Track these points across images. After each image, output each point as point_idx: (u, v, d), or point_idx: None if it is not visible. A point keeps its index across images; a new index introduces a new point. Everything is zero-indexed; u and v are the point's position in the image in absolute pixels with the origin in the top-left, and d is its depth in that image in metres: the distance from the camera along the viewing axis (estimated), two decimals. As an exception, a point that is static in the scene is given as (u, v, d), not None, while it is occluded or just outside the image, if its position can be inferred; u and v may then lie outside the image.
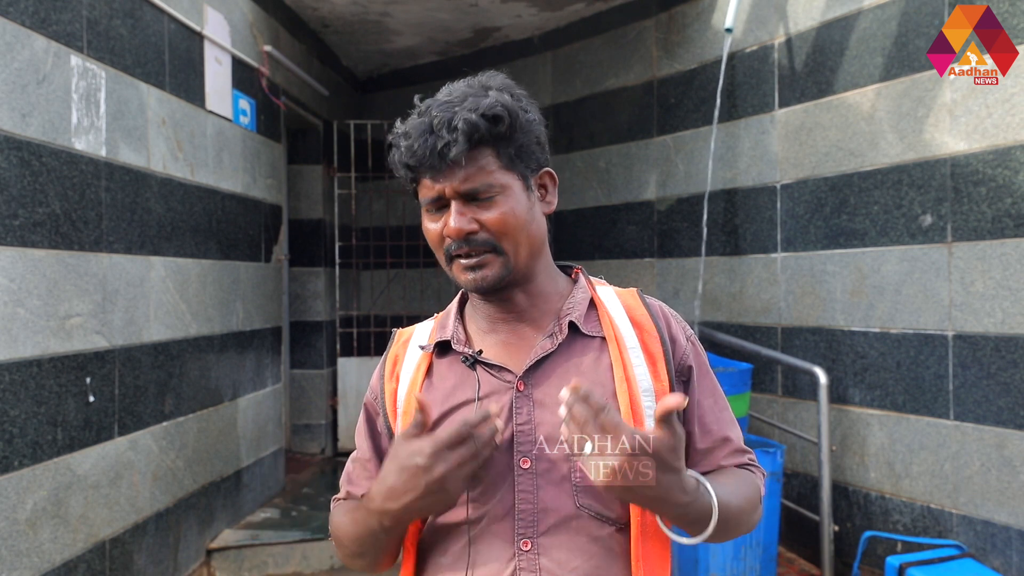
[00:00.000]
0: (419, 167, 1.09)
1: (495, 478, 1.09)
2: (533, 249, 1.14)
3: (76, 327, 2.77)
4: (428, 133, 1.07)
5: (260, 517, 4.28)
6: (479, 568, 1.09)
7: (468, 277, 1.11)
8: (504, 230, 1.09)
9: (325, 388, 5.91)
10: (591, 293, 1.19)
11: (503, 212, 1.09)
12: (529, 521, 1.08)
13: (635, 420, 1.09)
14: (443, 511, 1.08)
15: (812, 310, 3.87)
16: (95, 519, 2.87)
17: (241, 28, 4.23)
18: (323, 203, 5.91)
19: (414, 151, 1.08)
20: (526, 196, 1.13)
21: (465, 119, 1.06)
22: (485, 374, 1.14)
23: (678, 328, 1.20)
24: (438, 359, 1.18)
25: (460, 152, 1.06)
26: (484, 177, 1.08)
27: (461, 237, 1.09)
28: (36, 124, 2.58)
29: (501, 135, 1.09)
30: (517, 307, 1.17)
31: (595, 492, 1.08)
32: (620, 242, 5.07)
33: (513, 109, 1.10)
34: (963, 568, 3.04)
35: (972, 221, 3.20)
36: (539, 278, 1.17)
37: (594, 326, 1.16)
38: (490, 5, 5.14)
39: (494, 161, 1.10)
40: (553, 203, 1.19)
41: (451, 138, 1.06)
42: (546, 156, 1.18)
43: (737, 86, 4.27)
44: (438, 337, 1.19)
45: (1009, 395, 3.07)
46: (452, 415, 1.13)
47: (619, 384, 1.10)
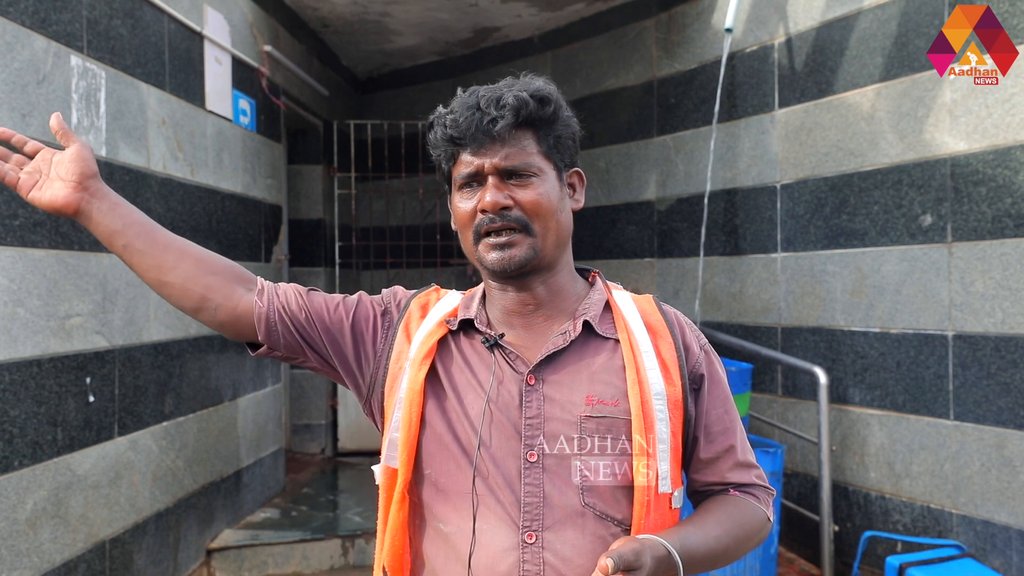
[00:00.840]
0: (462, 139, 1.12)
1: (500, 461, 1.10)
2: (560, 239, 1.16)
3: (76, 327, 2.77)
4: (475, 109, 1.11)
5: (260, 517, 4.28)
6: (482, 549, 1.09)
7: (496, 255, 1.12)
8: (537, 211, 1.11)
9: (325, 388, 5.91)
10: (607, 296, 1.20)
11: (539, 193, 1.12)
12: (534, 514, 1.08)
13: (645, 423, 1.09)
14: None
15: (812, 310, 3.87)
16: (95, 519, 2.87)
17: (241, 28, 4.23)
18: (323, 203, 5.90)
19: (458, 124, 1.11)
20: (559, 187, 1.16)
21: (516, 96, 1.10)
22: (502, 360, 1.14)
23: (692, 336, 1.20)
24: (455, 335, 1.19)
25: (507, 126, 1.09)
26: (525, 157, 1.12)
27: (496, 211, 1.10)
28: (36, 124, 2.57)
29: (545, 119, 1.13)
30: (536, 299, 1.17)
31: (600, 491, 1.09)
32: (620, 242, 5.07)
33: (558, 99, 1.15)
34: (963, 568, 3.04)
35: (972, 221, 3.19)
36: (561, 274, 1.18)
37: (608, 327, 1.16)
38: (490, 5, 5.14)
39: (535, 144, 1.13)
40: (581, 202, 1.21)
41: (498, 113, 1.10)
42: (577, 156, 1.21)
43: (737, 86, 4.27)
44: (463, 316, 1.20)
45: (1009, 395, 3.07)
46: (466, 389, 1.14)
47: (631, 387, 1.10)
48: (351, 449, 5.76)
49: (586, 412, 1.10)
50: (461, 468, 1.11)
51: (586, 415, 1.10)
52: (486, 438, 1.11)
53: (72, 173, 1.17)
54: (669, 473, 1.10)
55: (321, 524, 4.17)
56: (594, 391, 1.11)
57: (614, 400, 1.10)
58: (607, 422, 1.10)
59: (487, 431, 1.11)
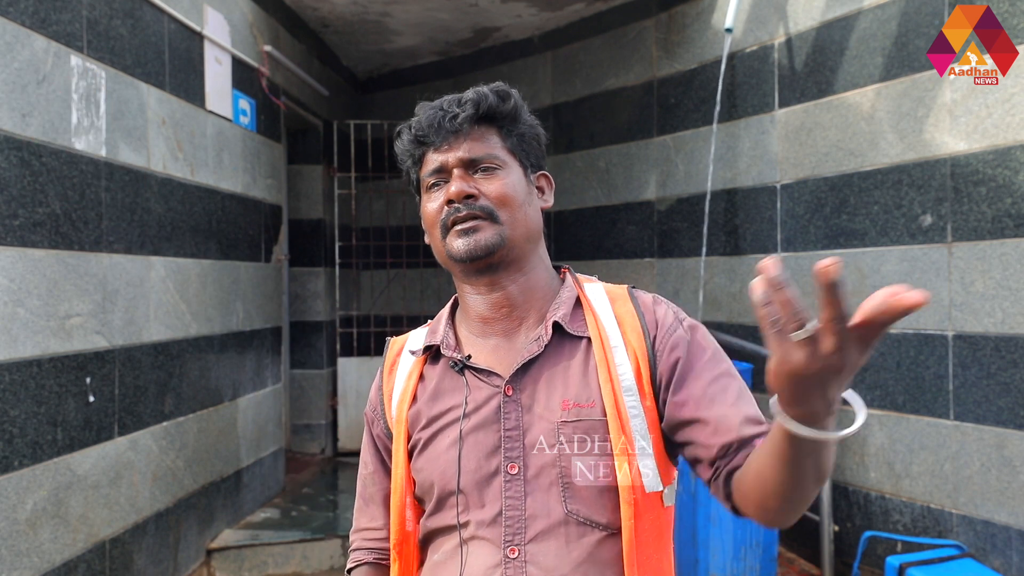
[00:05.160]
0: (426, 137, 1.14)
1: (482, 483, 1.09)
2: (529, 232, 1.15)
3: (76, 327, 2.77)
4: (438, 109, 1.14)
5: (260, 517, 4.28)
6: (468, 571, 1.08)
7: (461, 242, 1.11)
8: (503, 200, 1.12)
9: (325, 388, 5.91)
10: (577, 291, 1.17)
11: (504, 183, 1.13)
12: (516, 528, 1.07)
13: (621, 422, 1.06)
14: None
15: (812, 310, 3.86)
16: (95, 519, 2.87)
17: (241, 28, 4.23)
18: (323, 203, 5.90)
19: (421, 123, 1.14)
20: (525, 182, 1.17)
21: (475, 91, 1.14)
22: (474, 379, 1.13)
23: (666, 311, 1.13)
24: (430, 365, 1.19)
25: (467, 118, 1.12)
26: (488, 148, 1.13)
27: (460, 199, 1.11)
28: (36, 124, 2.58)
29: (506, 114, 1.15)
30: (510, 300, 1.15)
31: (583, 496, 1.07)
32: (620, 242, 5.07)
33: (519, 100, 1.17)
34: (963, 568, 3.04)
35: (972, 221, 3.19)
36: (534, 272, 1.17)
37: (580, 326, 1.13)
38: (490, 5, 5.14)
39: (498, 139, 1.15)
40: (550, 201, 1.22)
41: (460, 109, 1.12)
42: (544, 160, 1.22)
43: (737, 86, 4.27)
44: (428, 342, 1.19)
45: (1009, 395, 3.07)
46: (439, 420, 1.13)
47: (604, 385, 1.08)
48: (351, 449, 5.76)
49: (563, 417, 1.08)
50: (447, 505, 1.12)
51: (563, 420, 1.07)
52: (466, 464, 1.10)
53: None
54: (655, 470, 1.07)
55: (321, 524, 4.17)
56: (569, 394, 1.09)
57: (589, 402, 1.08)
58: (584, 425, 1.07)
59: (466, 458, 1.10)
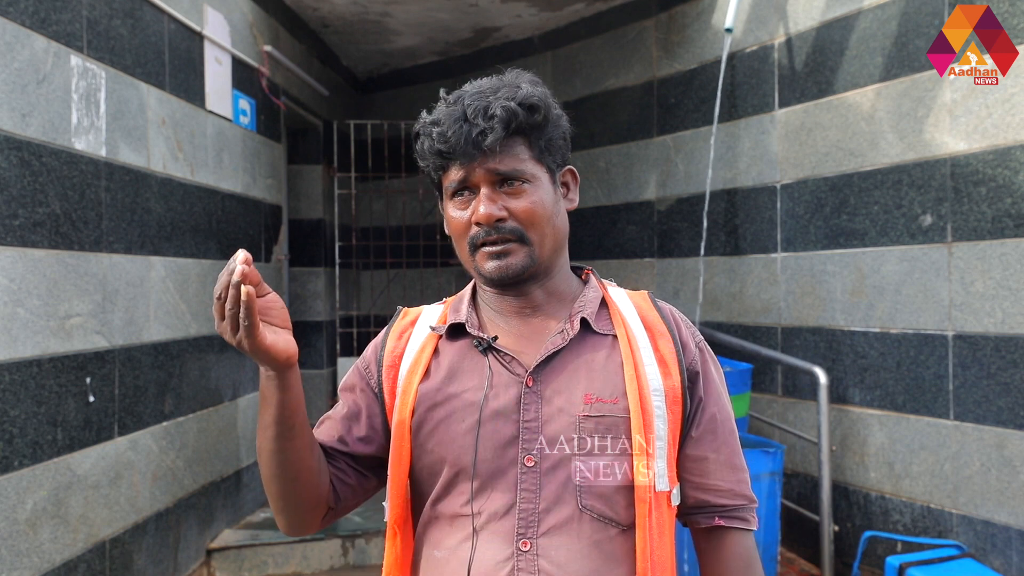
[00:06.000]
0: (452, 154, 1.08)
1: (497, 473, 1.08)
2: (557, 243, 1.14)
3: (76, 327, 2.77)
4: (463, 121, 1.07)
5: (260, 517, 4.28)
6: (477, 565, 1.07)
7: (493, 264, 1.09)
8: (532, 220, 1.09)
9: (325, 388, 5.91)
10: (602, 292, 1.19)
11: (532, 201, 1.10)
12: (530, 521, 1.06)
13: (644, 421, 1.07)
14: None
15: (812, 310, 3.87)
16: (95, 519, 2.87)
17: (241, 28, 4.23)
18: (323, 203, 5.90)
19: (447, 138, 1.08)
20: (553, 190, 1.14)
21: (503, 106, 1.06)
22: (496, 363, 1.12)
23: (688, 333, 1.18)
24: (447, 341, 1.17)
25: (496, 139, 1.06)
26: (516, 163, 1.09)
27: (491, 223, 1.08)
28: (36, 124, 2.57)
29: (535, 125, 1.10)
30: (533, 303, 1.15)
31: (599, 493, 1.07)
32: (620, 242, 5.07)
33: (547, 101, 1.11)
34: (963, 568, 3.04)
35: (972, 221, 3.20)
36: (558, 275, 1.17)
37: (605, 324, 1.15)
38: (490, 5, 5.14)
39: (526, 151, 1.10)
40: (575, 201, 1.20)
41: (487, 125, 1.06)
42: (569, 153, 1.19)
43: (737, 86, 4.27)
44: (451, 320, 1.17)
45: (1009, 395, 3.07)
46: (454, 400, 1.11)
47: (629, 383, 1.08)
48: (351, 449, 5.75)
49: (585, 411, 1.08)
50: (456, 491, 1.10)
51: (585, 414, 1.08)
52: (482, 452, 1.08)
53: (287, 322, 1.06)
54: (666, 471, 1.09)
55: (321, 524, 4.17)
56: (592, 389, 1.09)
57: (613, 398, 1.08)
58: (606, 421, 1.07)
59: (483, 445, 1.08)
